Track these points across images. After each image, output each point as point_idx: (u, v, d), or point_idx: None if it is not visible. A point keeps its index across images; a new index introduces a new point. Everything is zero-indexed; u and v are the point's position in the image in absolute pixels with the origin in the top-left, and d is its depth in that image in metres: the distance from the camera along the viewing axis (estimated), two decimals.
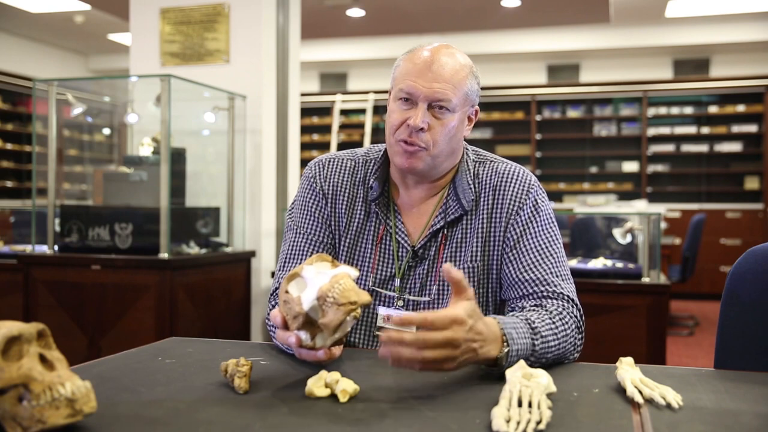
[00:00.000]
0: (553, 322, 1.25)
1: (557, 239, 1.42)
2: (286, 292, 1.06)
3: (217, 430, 0.87)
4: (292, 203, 1.54)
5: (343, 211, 1.48)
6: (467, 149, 1.51)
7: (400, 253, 1.45)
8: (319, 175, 1.51)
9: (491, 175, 1.46)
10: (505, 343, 1.12)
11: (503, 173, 1.45)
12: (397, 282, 1.44)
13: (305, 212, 1.49)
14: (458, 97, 1.37)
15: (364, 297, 1.03)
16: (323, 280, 1.03)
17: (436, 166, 1.41)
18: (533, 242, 1.39)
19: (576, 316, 1.32)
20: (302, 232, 1.48)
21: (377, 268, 1.45)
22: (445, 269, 1.05)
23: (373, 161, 1.51)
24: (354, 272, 1.06)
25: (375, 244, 1.46)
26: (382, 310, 1.44)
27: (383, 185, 1.48)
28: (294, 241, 1.48)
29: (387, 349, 1.00)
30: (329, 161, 1.53)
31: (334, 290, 1.01)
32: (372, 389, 1.04)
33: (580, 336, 1.32)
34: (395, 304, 1.44)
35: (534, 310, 1.30)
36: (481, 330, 1.07)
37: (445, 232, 1.44)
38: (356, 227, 1.48)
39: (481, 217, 1.43)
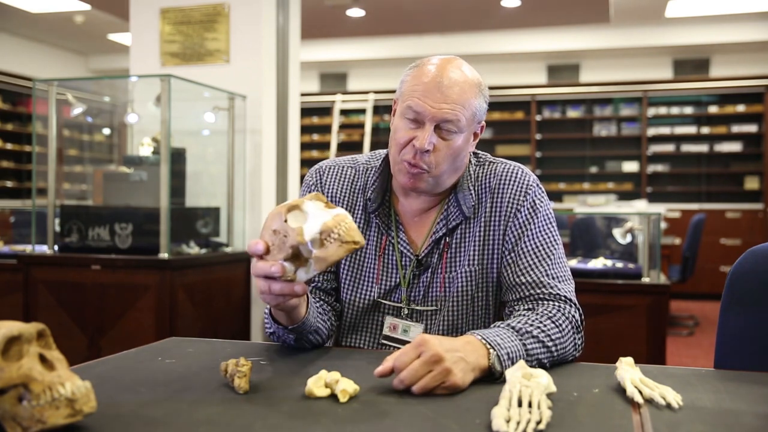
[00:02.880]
0: (542, 323, 1.25)
1: (555, 239, 1.41)
2: (285, 221, 1.08)
3: (217, 430, 0.87)
4: None
5: None
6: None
7: (403, 263, 1.44)
8: (318, 182, 1.51)
9: (490, 178, 1.45)
10: (491, 349, 1.12)
11: (501, 175, 1.44)
12: (403, 292, 1.44)
13: None
14: (466, 118, 1.35)
15: (362, 240, 1.09)
16: (326, 217, 1.07)
17: (439, 184, 1.40)
18: (530, 244, 1.38)
19: (573, 316, 1.31)
20: None
21: (381, 279, 1.45)
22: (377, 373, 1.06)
23: (373, 170, 1.49)
24: (350, 216, 1.11)
25: (377, 255, 1.45)
26: (389, 320, 1.45)
27: (383, 195, 1.46)
28: None
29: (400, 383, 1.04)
30: (329, 168, 1.52)
31: (340, 227, 1.06)
32: (372, 389, 1.04)
33: (579, 336, 1.31)
34: (401, 313, 1.44)
35: (522, 315, 1.29)
36: (450, 341, 1.08)
37: (447, 239, 1.43)
38: None
39: (480, 220, 1.43)
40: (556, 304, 1.32)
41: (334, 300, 1.50)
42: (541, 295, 1.34)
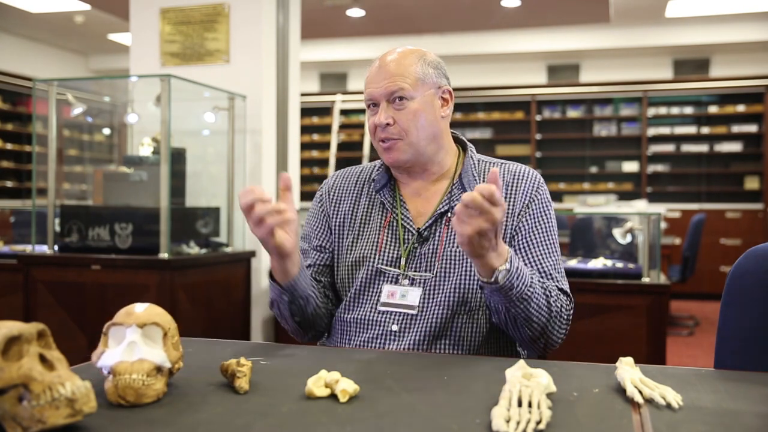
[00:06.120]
0: (548, 289, 1.39)
1: (556, 236, 1.53)
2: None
3: (217, 430, 0.87)
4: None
5: (347, 208, 1.60)
6: (471, 148, 1.59)
7: (405, 237, 1.52)
8: (328, 187, 1.66)
9: (504, 174, 1.54)
10: (508, 263, 1.25)
11: (515, 172, 1.55)
12: (403, 261, 1.50)
13: (312, 221, 1.66)
14: (410, 84, 1.47)
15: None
16: (127, 357, 0.99)
17: (420, 152, 1.50)
18: (541, 236, 1.48)
19: (566, 306, 1.43)
20: (307, 238, 1.64)
21: (384, 249, 1.53)
22: (489, 181, 1.18)
23: (380, 162, 1.62)
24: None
25: (381, 228, 1.55)
26: (387, 288, 1.50)
27: (388, 179, 1.58)
28: (301, 243, 1.62)
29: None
30: (340, 173, 1.68)
31: (122, 378, 0.96)
32: (372, 389, 1.04)
33: (567, 321, 1.42)
34: (400, 281, 1.50)
35: None
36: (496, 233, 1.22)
37: (450, 214, 1.50)
38: (361, 217, 1.58)
39: None
40: (558, 294, 1.43)
41: (324, 288, 1.59)
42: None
